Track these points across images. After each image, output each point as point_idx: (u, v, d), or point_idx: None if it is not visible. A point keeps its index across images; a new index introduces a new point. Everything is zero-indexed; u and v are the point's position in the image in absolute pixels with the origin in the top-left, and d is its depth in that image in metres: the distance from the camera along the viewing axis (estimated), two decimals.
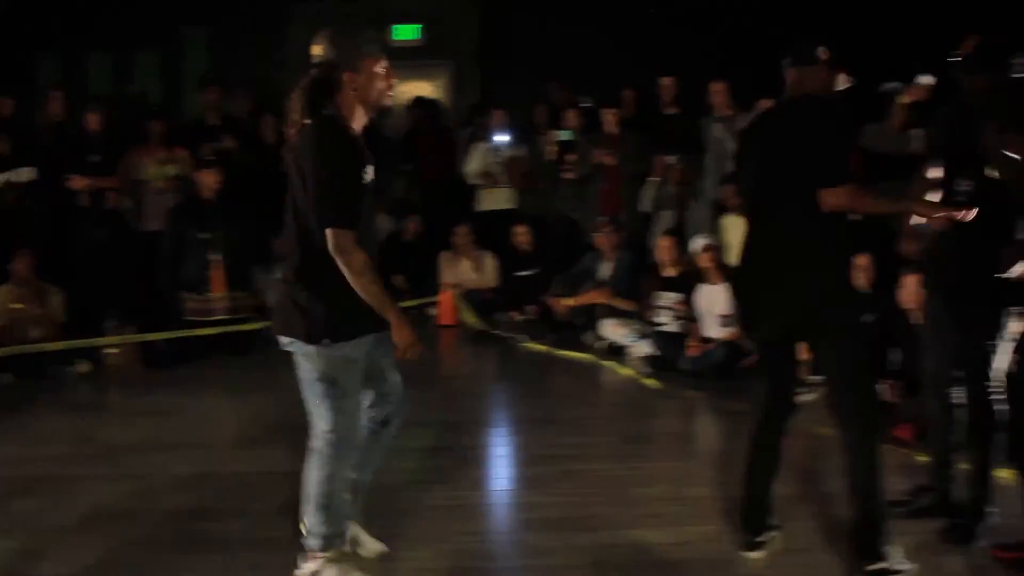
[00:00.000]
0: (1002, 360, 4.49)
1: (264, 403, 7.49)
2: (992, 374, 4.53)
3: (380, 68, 3.93)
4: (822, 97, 4.21)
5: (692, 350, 8.00)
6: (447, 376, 8.75)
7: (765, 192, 4.23)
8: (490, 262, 10.48)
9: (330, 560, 4.14)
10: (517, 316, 9.85)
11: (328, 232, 3.72)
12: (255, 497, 5.33)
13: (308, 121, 3.81)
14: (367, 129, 4.01)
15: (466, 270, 10.50)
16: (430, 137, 11.47)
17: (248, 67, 11.98)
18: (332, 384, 3.94)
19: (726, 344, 7.87)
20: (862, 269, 7.01)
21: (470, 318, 9.85)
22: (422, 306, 10.41)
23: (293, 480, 5.44)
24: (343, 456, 4.04)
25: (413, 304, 10.34)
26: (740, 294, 4.53)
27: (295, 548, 4.57)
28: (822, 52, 4.24)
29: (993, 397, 4.55)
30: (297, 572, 4.21)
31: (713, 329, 8.05)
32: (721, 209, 9.14)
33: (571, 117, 10.01)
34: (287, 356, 4.03)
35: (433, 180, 11.34)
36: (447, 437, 6.37)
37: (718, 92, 9.40)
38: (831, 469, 5.68)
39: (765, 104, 6.71)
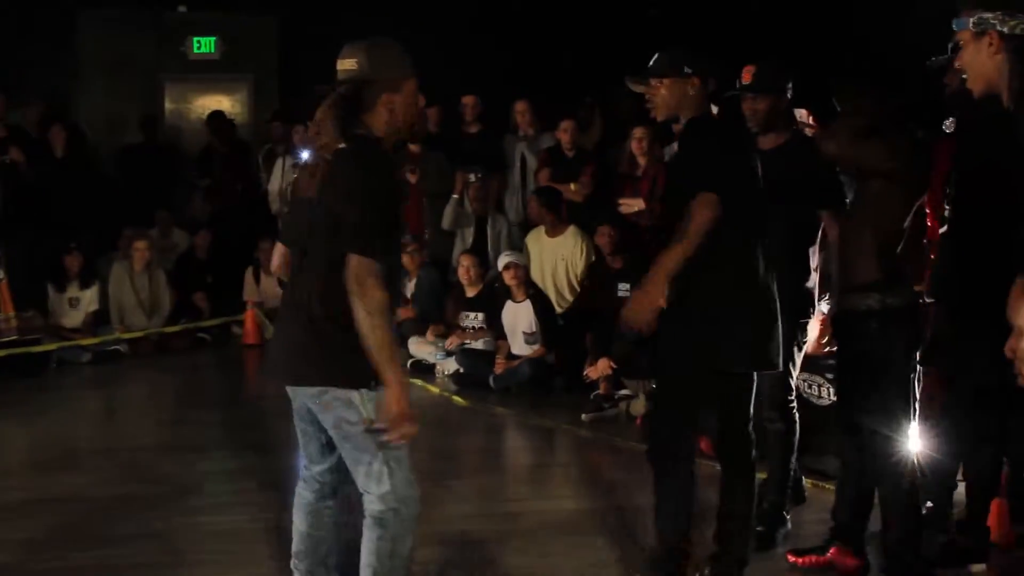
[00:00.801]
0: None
1: (57, 426, 7.22)
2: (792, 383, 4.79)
3: (415, 89, 3.50)
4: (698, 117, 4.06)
5: (499, 367, 8.09)
6: (252, 396, 8.57)
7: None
8: None
9: None
10: None
11: (352, 258, 3.24)
12: (55, 526, 5.10)
13: (341, 144, 3.34)
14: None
15: (269, 287, 10.33)
16: (226, 153, 11.26)
17: (35, 76, 11.47)
18: (383, 431, 3.34)
19: (532, 361, 7.99)
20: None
21: None
22: (226, 325, 10.19)
23: (87, 507, 5.34)
24: (409, 517, 3.44)
25: (216, 323, 10.13)
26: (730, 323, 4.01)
27: (98, 575, 4.47)
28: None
29: (792, 407, 4.80)
30: None
31: (519, 346, 8.16)
32: (527, 226, 9.27)
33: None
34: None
35: (230, 196, 11.14)
36: (254, 458, 6.26)
37: (522, 111, 9.55)
38: (633, 481, 5.86)
39: None
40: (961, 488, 4.69)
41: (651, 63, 4.12)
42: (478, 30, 11.63)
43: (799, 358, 4.79)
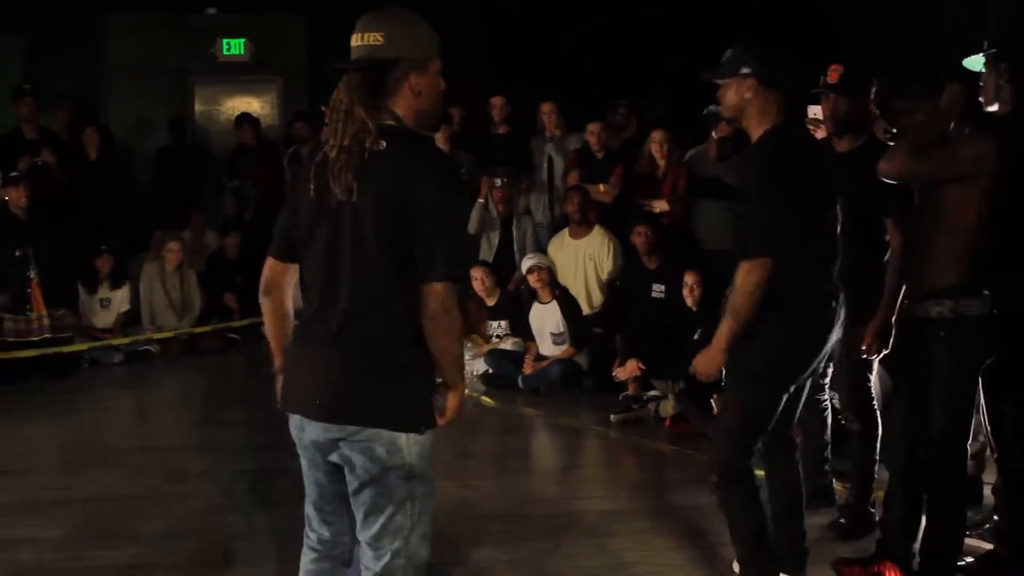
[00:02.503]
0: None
1: (88, 426, 7.28)
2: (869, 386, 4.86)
3: (439, 70, 3.03)
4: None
5: (528, 368, 8.09)
6: None
7: None
8: None
9: None
10: None
11: (438, 287, 2.81)
12: (84, 524, 5.14)
13: (374, 135, 2.85)
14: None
15: (297, 288, 10.34)
16: (256, 154, 11.31)
17: (65, 79, 11.56)
18: (421, 480, 2.97)
19: (561, 362, 7.99)
20: (689, 287, 7.24)
21: None
22: (256, 325, 10.22)
23: (116, 506, 5.38)
24: None
25: (246, 324, 10.17)
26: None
27: (127, 573, 4.48)
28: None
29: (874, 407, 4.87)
30: None
31: (547, 347, 8.16)
32: (554, 227, 9.26)
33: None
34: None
35: (262, 196, 11.18)
36: (283, 458, 6.26)
37: (548, 112, 9.54)
38: (661, 482, 5.86)
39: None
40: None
41: (722, 60, 3.94)
42: (504, 30, 11.63)
43: (876, 362, 4.82)
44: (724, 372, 3.86)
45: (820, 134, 5.07)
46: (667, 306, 7.71)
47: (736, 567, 4.28)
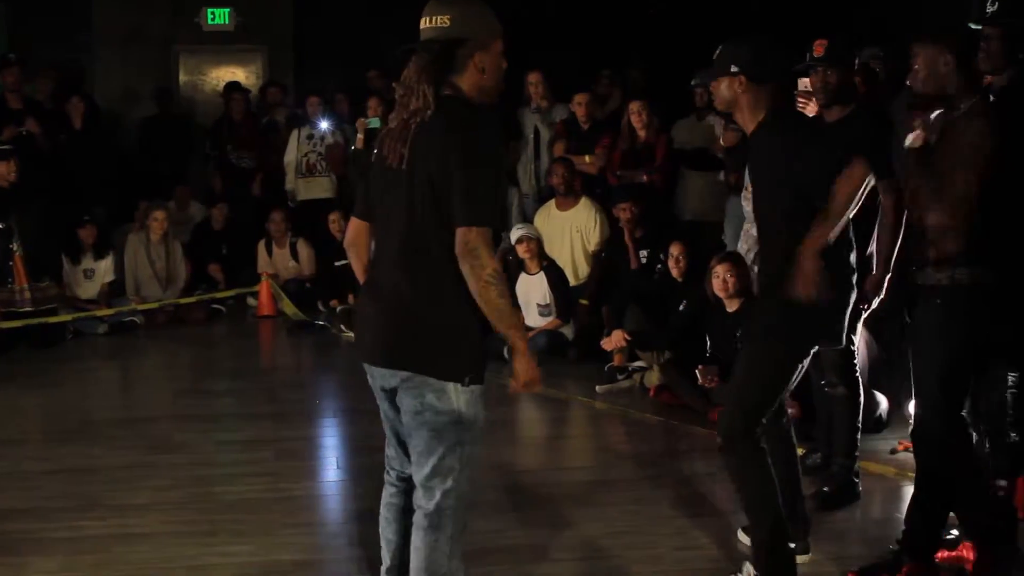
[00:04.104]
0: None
1: (73, 397, 7.26)
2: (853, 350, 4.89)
3: (502, 49, 3.27)
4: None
5: None
6: (267, 367, 8.63)
7: None
8: (306, 251, 10.35)
9: None
10: (337, 305, 9.76)
11: (461, 229, 3.03)
12: (68, 495, 5.14)
13: (432, 108, 3.11)
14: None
15: (283, 259, 10.35)
16: (243, 124, 11.25)
17: (50, 48, 11.46)
18: (470, 428, 3.20)
19: (547, 332, 8.00)
20: (674, 258, 7.24)
21: (289, 308, 9.71)
22: (241, 296, 10.21)
23: (102, 476, 5.38)
24: (466, 517, 3.32)
25: (231, 294, 10.15)
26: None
27: (109, 544, 4.48)
28: None
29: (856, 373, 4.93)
30: None
31: (533, 318, 8.16)
32: (541, 198, 9.25)
33: (374, 105, 9.87)
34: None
35: (245, 168, 11.15)
36: (269, 429, 6.29)
37: (535, 83, 9.49)
38: (647, 452, 5.88)
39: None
40: None
41: (714, 57, 4.08)
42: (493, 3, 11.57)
43: (859, 326, 4.90)
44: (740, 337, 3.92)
45: (811, 108, 5.12)
46: (652, 276, 7.73)
47: (741, 535, 4.40)
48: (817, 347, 4.07)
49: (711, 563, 4.29)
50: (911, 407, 5.43)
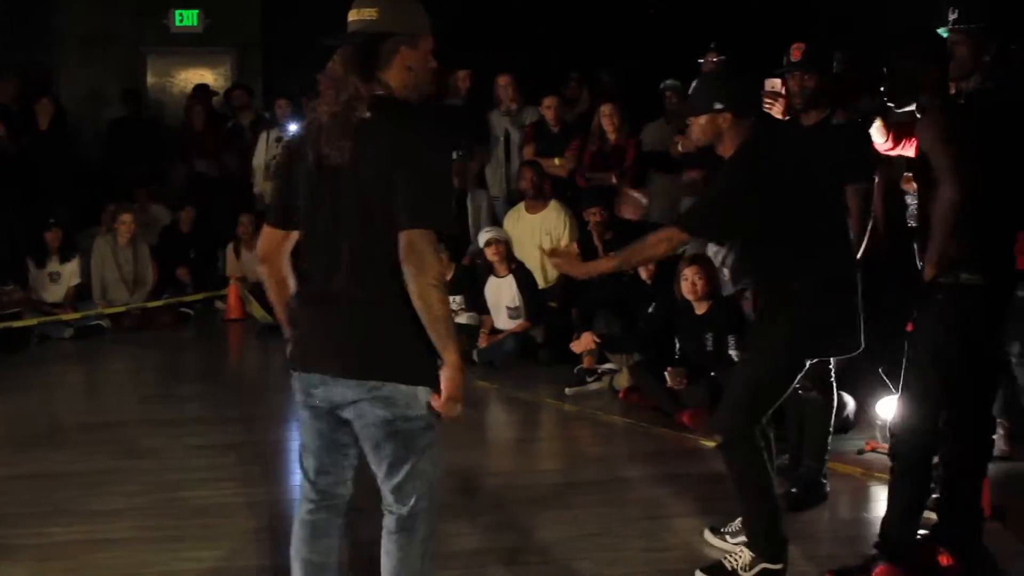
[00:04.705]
0: None
1: (39, 402, 7.20)
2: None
3: (430, 47, 3.18)
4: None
5: (483, 341, 8.10)
6: (235, 371, 8.60)
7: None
8: None
9: None
10: None
11: (412, 232, 2.93)
12: (35, 501, 5.10)
13: (365, 100, 3.00)
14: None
15: (251, 262, 10.30)
16: (206, 131, 11.20)
17: (16, 49, 11.37)
18: (435, 428, 3.18)
19: (516, 335, 8.00)
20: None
21: (257, 311, 9.66)
22: (209, 299, 10.16)
23: (68, 482, 5.34)
24: (436, 515, 3.28)
25: (199, 298, 10.10)
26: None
27: (76, 551, 4.45)
28: None
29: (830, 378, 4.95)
30: None
31: (502, 321, 8.16)
32: (511, 200, 9.25)
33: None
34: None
35: (212, 170, 11.10)
36: (237, 433, 6.26)
37: (504, 85, 9.50)
38: (617, 454, 5.90)
39: None
40: None
41: (689, 95, 4.17)
42: (464, 4, 11.56)
43: None
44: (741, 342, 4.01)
45: (777, 109, 5.15)
46: (621, 279, 7.75)
47: (707, 535, 4.51)
48: (826, 355, 4.20)
49: (680, 564, 4.30)
50: (878, 408, 5.50)
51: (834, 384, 4.97)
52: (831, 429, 5.01)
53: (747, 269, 4.46)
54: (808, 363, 4.07)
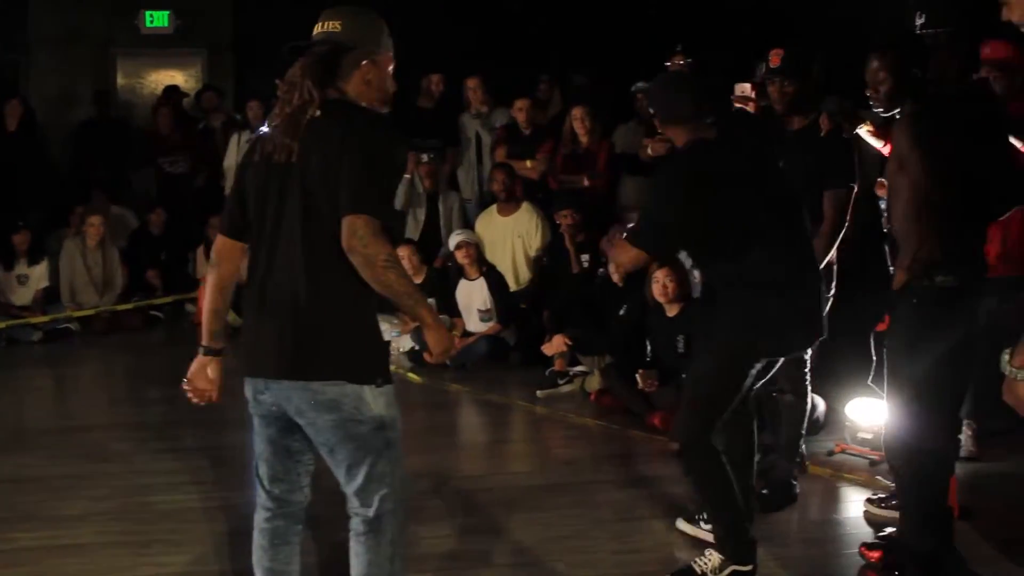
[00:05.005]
0: None
1: (7, 406, 7.16)
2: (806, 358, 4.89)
3: (391, 68, 3.28)
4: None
5: (455, 344, 8.07)
6: None
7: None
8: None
9: None
10: None
11: (354, 218, 2.91)
12: (1, 506, 5.04)
13: (317, 103, 3.06)
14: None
15: None
16: (177, 132, 11.14)
17: None
18: (392, 428, 3.14)
19: (488, 338, 7.99)
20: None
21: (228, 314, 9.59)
22: (179, 302, 10.10)
23: (37, 487, 5.29)
24: (405, 517, 3.24)
25: (169, 300, 10.04)
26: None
27: (41, 556, 4.42)
28: None
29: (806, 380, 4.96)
30: None
31: (474, 323, 8.15)
32: (483, 203, 9.24)
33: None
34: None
35: (184, 172, 11.05)
36: (206, 436, 6.21)
37: (474, 88, 9.49)
38: (588, 456, 5.89)
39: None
40: None
41: (651, 107, 4.21)
42: (434, 6, 11.55)
43: None
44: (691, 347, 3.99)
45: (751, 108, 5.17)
46: (593, 281, 7.76)
47: (680, 523, 4.56)
48: (774, 354, 4.08)
49: (652, 567, 4.30)
50: (847, 410, 5.53)
51: (808, 387, 4.98)
52: (804, 431, 5.03)
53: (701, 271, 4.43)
54: (758, 364, 4.00)
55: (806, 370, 4.92)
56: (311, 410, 3.08)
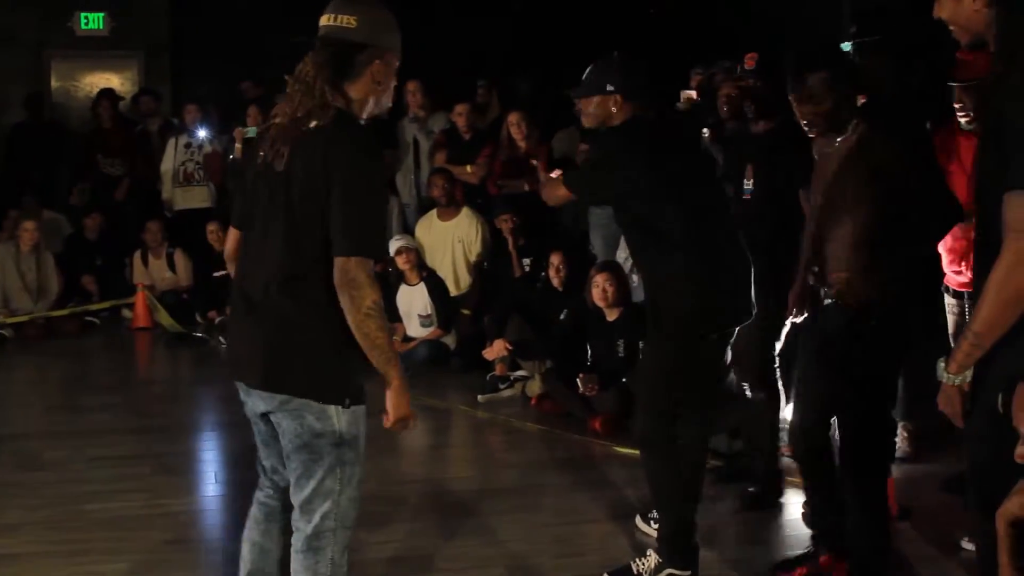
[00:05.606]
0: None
1: None
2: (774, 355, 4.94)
3: (396, 66, 3.18)
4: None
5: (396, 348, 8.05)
6: (143, 381, 8.43)
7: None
8: (184, 261, 10.15)
9: None
10: (215, 317, 9.59)
11: (340, 260, 2.88)
12: None
13: (326, 110, 2.96)
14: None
15: (159, 270, 10.14)
16: (115, 133, 10.99)
17: None
18: (351, 447, 3.08)
19: (428, 343, 7.99)
20: (555, 268, 7.31)
21: (165, 320, 9.51)
22: (115, 308, 9.96)
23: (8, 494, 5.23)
24: (347, 539, 3.18)
25: (105, 306, 9.90)
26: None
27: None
28: None
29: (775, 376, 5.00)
30: None
31: (414, 328, 8.14)
32: (422, 208, 9.23)
33: (253, 114, 9.71)
34: None
35: (118, 177, 10.90)
36: (145, 443, 6.15)
37: (413, 91, 9.46)
38: (529, 461, 5.91)
39: None
40: None
41: (583, 78, 4.19)
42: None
43: (783, 332, 4.85)
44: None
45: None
46: (536, 285, 7.79)
47: (639, 522, 4.64)
48: (712, 333, 4.07)
49: (594, 570, 4.32)
50: (784, 412, 5.59)
51: (779, 384, 5.02)
52: (780, 426, 5.06)
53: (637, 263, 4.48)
54: (702, 344, 4.01)
55: (775, 365, 4.95)
56: (279, 411, 3.07)
